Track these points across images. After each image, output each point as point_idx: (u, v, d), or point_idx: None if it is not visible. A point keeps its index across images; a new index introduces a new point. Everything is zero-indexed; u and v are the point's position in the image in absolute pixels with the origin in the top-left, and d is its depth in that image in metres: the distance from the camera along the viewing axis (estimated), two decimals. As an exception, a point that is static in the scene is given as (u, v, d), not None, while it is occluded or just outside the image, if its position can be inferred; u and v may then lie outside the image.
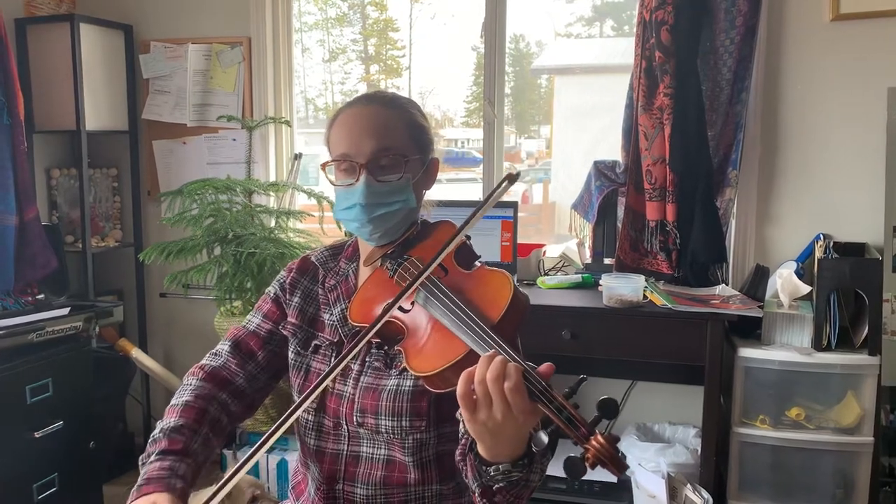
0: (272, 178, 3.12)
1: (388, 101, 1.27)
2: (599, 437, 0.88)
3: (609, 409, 0.90)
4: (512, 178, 1.09)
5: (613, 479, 2.41)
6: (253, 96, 3.08)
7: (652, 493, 2.25)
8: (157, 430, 1.22)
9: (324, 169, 1.27)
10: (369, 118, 1.23)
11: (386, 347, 1.23)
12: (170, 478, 1.13)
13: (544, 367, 0.95)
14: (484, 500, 1.05)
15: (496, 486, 1.01)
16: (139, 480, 1.14)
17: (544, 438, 0.91)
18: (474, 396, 0.94)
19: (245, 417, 1.36)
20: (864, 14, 2.41)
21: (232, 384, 1.32)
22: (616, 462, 0.88)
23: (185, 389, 1.28)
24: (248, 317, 1.38)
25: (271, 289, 1.38)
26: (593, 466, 0.89)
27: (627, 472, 2.40)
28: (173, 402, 1.27)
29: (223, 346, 1.35)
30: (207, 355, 1.36)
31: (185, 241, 2.68)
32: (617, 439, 0.89)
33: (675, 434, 2.59)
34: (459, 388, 0.95)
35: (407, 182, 1.24)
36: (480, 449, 0.99)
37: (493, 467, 0.99)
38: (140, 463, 1.19)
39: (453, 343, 1.03)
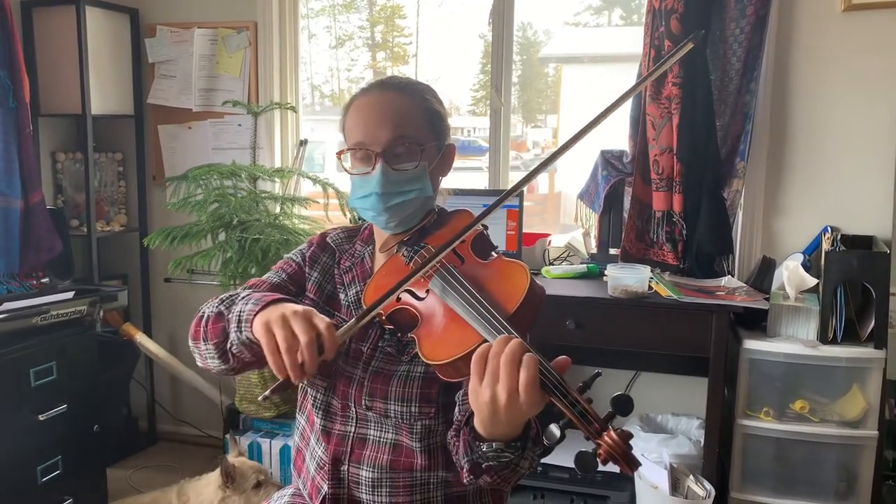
0: (277, 165, 3.11)
1: (404, 87, 1.26)
2: (612, 434, 0.88)
3: (623, 406, 0.90)
4: (696, 37, 1.05)
5: (615, 468, 2.41)
6: (259, 82, 3.07)
7: (654, 484, 2.25)
8: (218, 299, 1.21)
9: (339, 157, 1.26)
10: (385, 105, 1.22)
11: (399, 334, 1.22)
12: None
13: (560, 360, 0.94)
14: (471, 477, 1.05)
15: (486, 464, 1.01)
16: (251, 302, 1.09)
17: (556, 432, 0.91)
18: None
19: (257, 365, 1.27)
20: (877, 4, 2.38)
21: None
22: (629, 459, 0.88)
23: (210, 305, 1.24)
24: (268, 275, 1.33)
25: (295, 256, 1.35)
26: (605, 462, 0.88)
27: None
28: (209, 303, 1.23)
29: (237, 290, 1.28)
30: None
31: (190, 227, 2.68)
32: (630, 436, 0.89)
33: (678, 425, 2.59)
34: (476, 354, 0.94)
35: (423, 170, 1.23)
36: (477, 423, 0.98)
37: (486, 444, 0.99)
38: (224, 306, 1.16)
39: (467, 333, 1.02)
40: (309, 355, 0.99)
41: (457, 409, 1.16)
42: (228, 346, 1.15)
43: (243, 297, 1.14)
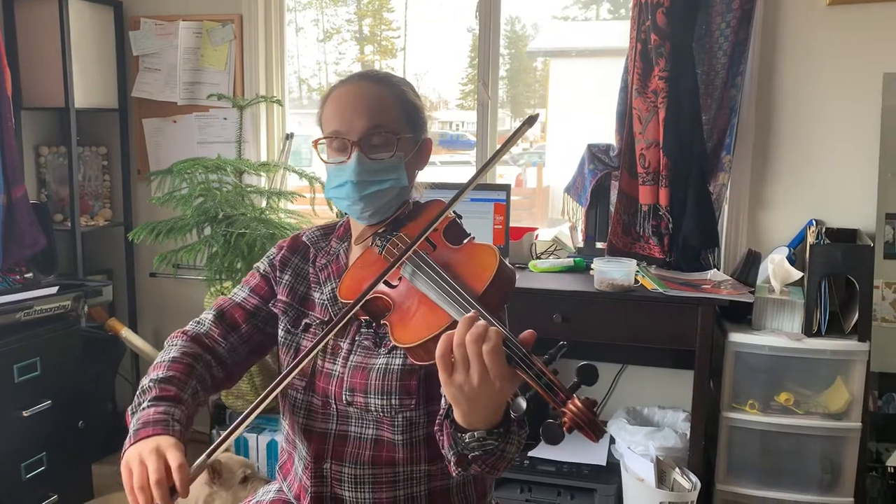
0: (263, 159, 3.09)
1: (381, 78, 1.27)
2: (576, 401, 0.89)
3: (588, 375, 0.90)
4: (531, 120, 1.08)
5: (602, 461, 2.42)
6: (244, 75, 3.04)
7: (640, 477, 2.26)
8: (145, 381, 1.21)
9: (315, 146, 1.26)
10: (361, 96, 1.23)
11: (374, 325, 1.23)
12: (168, 422, 1.12)
13: (525, 333, 0.95)
14: (459, 469, 1.05)
15: (471, 454, 1.01)
16: (134, 425, 1.12)
17: (523, 404, 0.92)
18: (452, 358, 0.94)
19: (224, 387, 1.35)
20: (861, -1, 2.39)
21: (214, 350, 1.31)
22: (592, 425, 0.88)
23: (171, 349, 1.28)
24: (235, 290, 1.37)
25: (260, 265, 1.38)
26: (570, 430, 0.89)
27: (616, 456, 2.41)
28: (159, 359, 1.26)
29: (207, 315, 1.34)
30: (190, 323, 1.35)
31: (175, 221, 2.66)
32: (594, 403, 0.90)
33: (664, 418, 2.60)
34: (439, 348, 0.94)
35: (399, 160, 1.23)
36: (456, 414, 0.99)
37: (468, 434, 0.99)
38: (130, 413, 1.17)
39: (437, 314, 1.03)
40: (159, 494, 1.02)
41: (442, 400, 1.16)
42: None
43: (142, 408, 1.15)
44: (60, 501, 2.47)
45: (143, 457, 1.05)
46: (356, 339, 1.25)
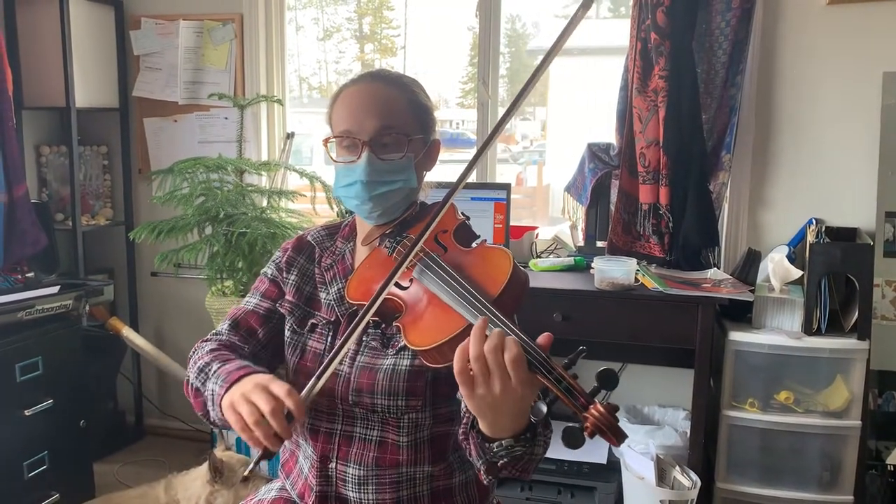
0: (264, 158, 3.10)
1: (393, 79, 1.27)
2: (598, 406, 0.89)
3: (608, 380, 0.91)
4: (587, 3, 1.03)
5: (602, 460, 2.42)
6: (245, 74, 3.05)
7: (640, 475, 2.27)
8: (200, 363, 1.21)
9: (325, 145, 1.26)
10: (373, 95, 1.23)
11: (384, 325, 1.23)
12: (250, 365, 1.14)
13: (542, 337, 0.95)
14: (489, 477, 1.06)
15: (501, 462, 1.01)
16: (218, 381, 1.12)
17: (543, 408, 0.92)
18: (471, 372, 0.94)
19: None
20: (861, -3, 2.40)
21: (240, 352, 1.29)
22: (615, 430, 0.89)
23: (201, 348, 1.26)
24: (246, 298, 1.37)
25: (267, 269, 1.37)
26: (592, 435, 0.89)
27: (616, 454, 2.41)
28: (196, 356, 1.25)
29: (222, 326, 1.33)
30: (208, 335, 1.33)
31: (176, 220, 2.66)
32: (616, 408, 0.90)
33: (664, 416, 2.61)
34: (456, 364, 0.94)
35: (409, 161, 1.23)
36: (482, 426, 0.99)
37: (496, 444, 1.00)
38: (196, 385, 1.19)
39: (452, 318, 1.03)
40: (277, 423, 1.02)
41: (462, 405, 1.16)
42: (212, 419, 1.18)
43: (214, 372, 1.16)
44: (62, 500, 2.47)
45: (246, 394, 1.05)
46: (364, 339, 1.25)
